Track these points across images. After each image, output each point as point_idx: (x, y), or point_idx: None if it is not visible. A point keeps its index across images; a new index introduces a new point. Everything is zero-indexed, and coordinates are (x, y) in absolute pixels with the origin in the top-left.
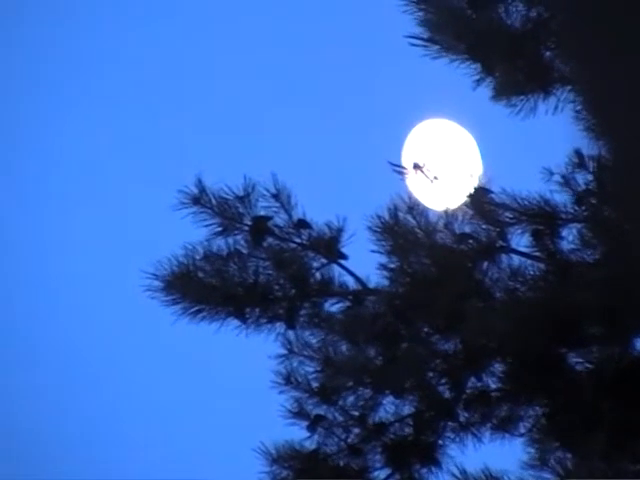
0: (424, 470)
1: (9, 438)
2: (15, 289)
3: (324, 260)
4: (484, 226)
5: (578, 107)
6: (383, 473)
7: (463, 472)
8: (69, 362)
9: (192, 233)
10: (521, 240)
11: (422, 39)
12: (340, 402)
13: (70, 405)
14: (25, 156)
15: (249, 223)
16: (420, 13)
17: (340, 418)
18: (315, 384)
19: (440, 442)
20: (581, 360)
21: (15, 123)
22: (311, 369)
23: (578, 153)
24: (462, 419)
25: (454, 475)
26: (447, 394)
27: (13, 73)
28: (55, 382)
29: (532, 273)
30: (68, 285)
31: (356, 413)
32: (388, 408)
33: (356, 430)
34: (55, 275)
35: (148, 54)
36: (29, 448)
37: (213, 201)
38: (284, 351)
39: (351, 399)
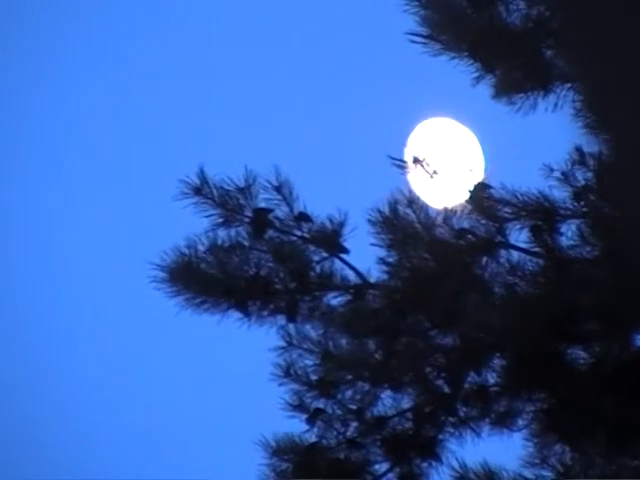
0: (424, 464)
1: (10, 437)
2: (19, 282)
3: (325, 254)
4: (483, 221)
5: (578, 105)
6: (383, 467)
7: (463, 466)
8: (71, 357)
9: (194, 224)
10: (520, 236)
11: (422, 36)
12: (339, 396)
13: (72, 401)
14: (28, 149)
15: (250, 215)
16: (421, 12)
17: (339, 411)
18: (314, 377)
19: (440, 437)
20: (580, 356)
21: (17, 118)
22: (310, 362)
23: (579, 150)
24: (461, 414)
25: (454, 469)
26: (446, 389)
27: (13, 73)
28: (56, 379)
29: (531, 269)
30: (72, 277)
31: (355, 407)
32: (387, 402)
33: (355, 424)
34: (60, 267)
35: (149, 48)
36: (30, 447)
37: (214, 192)
38: (283, 344)
39: (350, 393)
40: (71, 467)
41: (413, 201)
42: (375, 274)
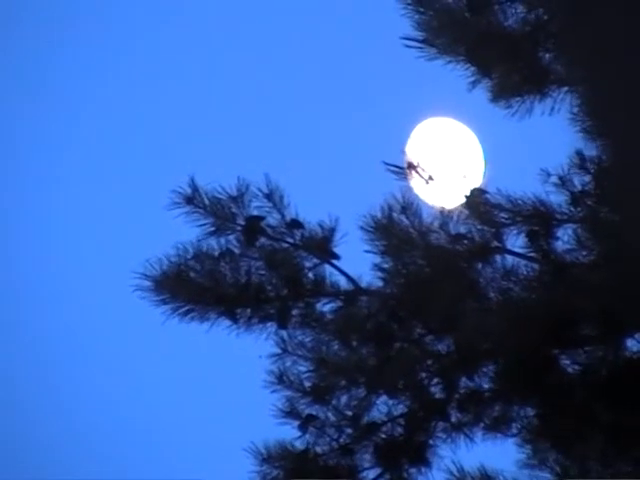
0: (414, 470)
1: (10, 437)
2: (19, 282)
3: (316, 260)
4: (479, 226)
5: (575, 109)
6: (373, 473)
7: (460, 470)
8: (69, 361)
9: (185, 233)
10: (516, 241)
11: (417, 41)
12: (333, 402)
13: (72, 401)
14: (28, 149)
15: (242, 223)
16: (418, 16)
17: (332, 418)
18: (308, 384)
19: (431, 442)
20: (575, 360)
21: (17, 118)
22: (304, 368)
23: (579, 154)
24: (454, 419)
25: (451, 473)
26: (439, 394)
27: (12, 72)
28: (56, 379)
29: (526, 273)
30: (72, 277)
31: (348, 413)
32: (380, 408)
33: (348, 430)
34: (60, 267)
35: (149, 48)
36: (30, 447)
37: (206, 201)
38: (278, 350)
39: (344, 399)
40: (71, 467)
41: (407, 207)
42: (366, 279)
